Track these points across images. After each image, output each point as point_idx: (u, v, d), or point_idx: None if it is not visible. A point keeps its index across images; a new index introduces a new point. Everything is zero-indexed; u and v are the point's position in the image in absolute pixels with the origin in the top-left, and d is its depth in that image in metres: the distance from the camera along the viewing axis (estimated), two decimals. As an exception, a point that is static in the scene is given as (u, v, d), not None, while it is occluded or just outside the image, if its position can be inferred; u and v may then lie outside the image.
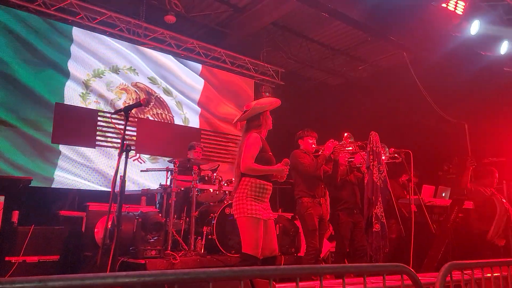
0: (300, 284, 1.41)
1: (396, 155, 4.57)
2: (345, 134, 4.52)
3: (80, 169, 6.24)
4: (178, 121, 7.54)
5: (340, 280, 1.60)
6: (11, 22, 5.93)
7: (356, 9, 6.00)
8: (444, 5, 5.80)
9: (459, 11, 5.94)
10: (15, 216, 4.59)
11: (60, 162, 6.07)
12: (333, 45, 8.42)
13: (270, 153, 3.23)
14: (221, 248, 4.67)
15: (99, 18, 6.54)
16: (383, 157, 4.46)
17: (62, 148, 6.12)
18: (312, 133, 4.45)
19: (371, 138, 4.29)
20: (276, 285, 2.87)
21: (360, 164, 4.59)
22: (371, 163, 4.22)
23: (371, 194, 4.14)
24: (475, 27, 5.92)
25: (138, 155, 6.85)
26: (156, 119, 7.26)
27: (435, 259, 4.93)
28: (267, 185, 3.10)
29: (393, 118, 7.83)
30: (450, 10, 5.87)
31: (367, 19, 6.32)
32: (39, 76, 6.09)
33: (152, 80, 7.35)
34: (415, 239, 4.38)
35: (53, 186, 5.94)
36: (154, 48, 7.35)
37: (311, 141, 4.42)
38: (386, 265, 1.78)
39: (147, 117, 7.17)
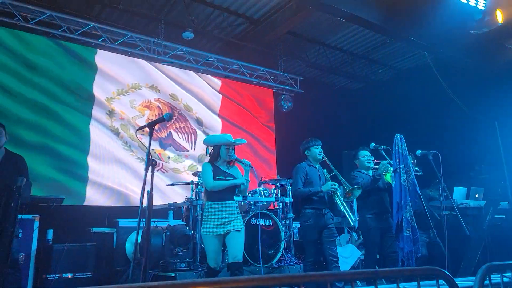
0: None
1: (416, 169, 4.51)
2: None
3: (108, 186, 6.39)
4: (200, 134, 7.64)
5: (371, 287, 1.57)
6: (38, 52, 6.22)
7: (372, 11, 5.95)
8: (464, 1, 5.69)
9: (481, 6, 5.82)
10: (50, 234, 4.74)
11: (90, 179, 6.23)
12: (351, 49, 8.37)
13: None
14: (249, 259, 4.66)
15: (120, 39, 6.74)
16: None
17: (92, 164, 6.29)
18: (317, 141, 4.38)
19: (397, 141, 4.23)
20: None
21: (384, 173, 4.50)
22: (398, 166, 4.14)
23: (400, 198, 4.05)
24: (499, 16, 5.72)
25: (161, 164, 6.98)
26: (179, 133, 7.39)
27: (472, 263, 4.75)
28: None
29: (419, 120, 7.66)
30: (472, 6, 5.76)
31: (384, 21, 6.26)
32: (67, 97, 6.33)
33: (173, 97, 7.49)
34: (449, 243, 4.25)
35: (84, 204, 6.10)
36: (174, 65, 7.50)
37: (317, 150, 4.33)
38: (421, 269, 1.73)
39: (170, 132, 7.30)
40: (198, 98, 7.81)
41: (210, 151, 3.91)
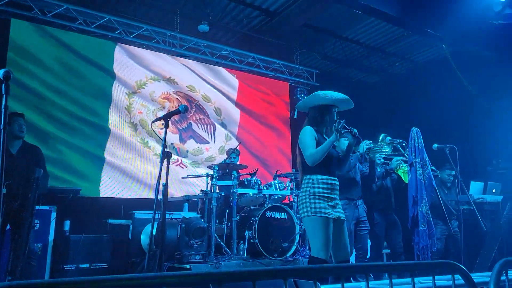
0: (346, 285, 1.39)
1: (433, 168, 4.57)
2: (381, 136, 4.39)
3: (124, 178, 6.47)
4: (218, 127, 7.69)
5: (385, 281, 1.56)
6: (57, 44, 6.29)
7: (389, 3, 5.86)
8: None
9: (501, -3, 5.66)
10: (67, 225, 4.84)
11: (105, 172, 6.33)
12: (368, 42, 8.26)
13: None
14: (263, 252, 4.67)
15: (136, 32, 6.79)
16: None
17: (107, 157, 6.38)
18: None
19: (413, 135, 4.18)
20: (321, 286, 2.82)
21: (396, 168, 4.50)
22: (414, 160, 4.10)
23: (415, 192, 4.01)
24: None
25: (179, 160, 7.04)
26: (198, 124, 7.45)
27: (488, 258, 4.69)
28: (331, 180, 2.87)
29: (435, 113, 7.54)
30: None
31: (401, 13, 6.16)
32: (87, 86, 6.43)
33: (191, 89, 7.54)
34: (465, 238, 4.21)
35: (99, 195, 6.20)
36: (189, 58, 7.53)
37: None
38: (436, 263, 1.71)
39: (190, 122, 7.36)
40: (216, 89, 7.85)
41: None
